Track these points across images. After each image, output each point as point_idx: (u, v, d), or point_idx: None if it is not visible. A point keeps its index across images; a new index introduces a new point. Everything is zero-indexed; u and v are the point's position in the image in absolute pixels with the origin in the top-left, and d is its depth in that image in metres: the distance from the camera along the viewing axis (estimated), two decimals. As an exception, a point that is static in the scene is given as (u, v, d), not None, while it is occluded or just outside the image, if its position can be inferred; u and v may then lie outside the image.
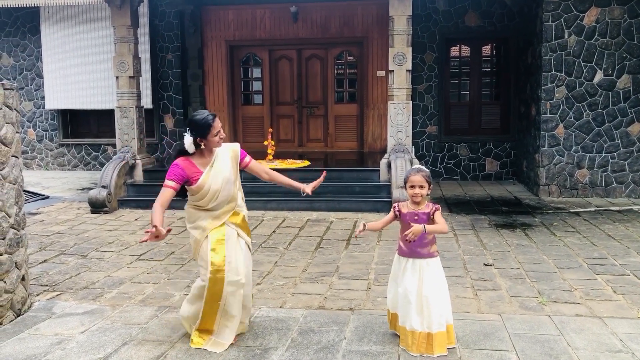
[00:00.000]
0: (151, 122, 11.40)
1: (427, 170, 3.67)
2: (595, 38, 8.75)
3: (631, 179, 8.88)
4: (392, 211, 3.74)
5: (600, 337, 3.83)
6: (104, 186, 8.28)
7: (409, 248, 3.63)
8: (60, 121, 12.14)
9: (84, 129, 12.28)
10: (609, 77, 8.79)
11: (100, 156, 12.15)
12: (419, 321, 3.57)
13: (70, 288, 5.00)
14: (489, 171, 10.82)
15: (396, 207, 3.70)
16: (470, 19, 10.55)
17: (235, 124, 11.60)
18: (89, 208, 8.22)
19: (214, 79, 11.44)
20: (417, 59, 10.53)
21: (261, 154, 9.52)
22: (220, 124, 3.69)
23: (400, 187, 7.54)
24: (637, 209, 8.04)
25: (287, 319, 4.21)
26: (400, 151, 8.21)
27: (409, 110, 8.34)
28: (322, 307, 4.46)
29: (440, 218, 3.60)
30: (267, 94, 11.49)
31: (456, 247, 6.14)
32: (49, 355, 3.66)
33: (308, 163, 9.28)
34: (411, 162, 8.01)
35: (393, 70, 8.25)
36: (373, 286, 4.94)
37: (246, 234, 3.87)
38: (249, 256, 3.90)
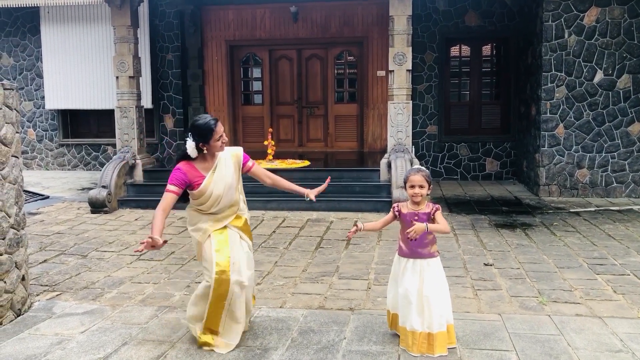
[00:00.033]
0: (151, 122, 11.40)
1: (427, 170, 3.67)
2: (595, 38, 8.75)
3: (631, 179, 8.88)
4: (392, 211, 3.73)
5: (601, 337, 3.83)
6: (104, 186, 8.28)
7: (409, 248, 3.63)
8: (60, 121, 12.14)
9: (84, 129, 12.28)
10: (609, 77, 8.79)
11: (100, 156, 12.15)
12: (420, 321, 3.57)
13: (70, 288, 5.00)
14: (489, 171, 10.82)
15: (396, 208, 3.70)
16: (470, 18, 10.55)
17: (235, 124, 11.60)
18: (89, 208, 8.22)
19: (214, 79, 11.44)
20: (417, 59, 10.53)
21: (261, 154, 9.53)
22: (223, 129, 3.65)
23: (400, 187, 7.54)
24: (637, 208, 8.04)
25: (287, 318, 4.21)
26: (401, 151, 8.21)
27: (409, 110, 8.34)
28: (322, 307, 4.46)
29: (441, 218, 3.60)
30: (267, 94, 11.49)
31: (456, 247, 6.14)
32: (49, 355, 3.66)
33: (308, 163, 9.29)
34: (411, 162, 8.01)
35: (393, 70, 8.25)
36: (373, 286, 4.94)
37: (248, 237, 3.86)
38: (252, 258, 3.88)
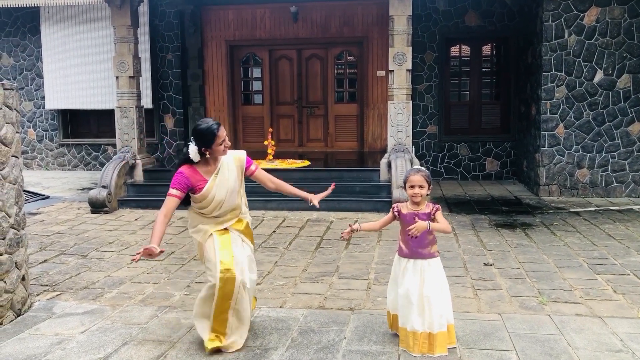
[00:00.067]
0: (151, 122, 11.40)
1: (427, 171, 3.66)
2: (595, 38, 8.75)
3: (631, 179, 8.88)
4: (391, 212, 3.72)
5: (601, 337, 3.83)
6: (104, 186, 8.28)
7: (409, 249, 3.62)
8: (61, 121, 12.14)
9: (84, 129, 12.28)
10: (609, 77, 8.79)
11: (100, 156, 12.15)
12: (420, 321, 3.56)
13: (71, 288, 5.00)
14: (489, 171, 10.82)
15: (395, 208, 3.69)
16: (470, 18, 10.55)
17: (235, 124, 11.60)
18: (89, 208, 8.22)
19: (214, 79, 11.44)
20: (417, 59, 10.53)
21: (261, 154, 9.53)
22: (225, 133, 3.61)
23: (400, 187, 7.54)
24: (638, 208, 8.03)
25: (287, 318, 4.21)
26: (401, 151, 8.21)
27: (409, 110, 8.34)
28: (322, 307, 4.46)
29: (441, 218, 3.60)
30: (267, 93, 11.49)
31: (456, 247, 6.14)
32: (49, 355, 3.66)
33: (308, 163, 9.29)
34: (411, 162, 8.01)
35: (393, 70, 8.25)
36: (373, 286, 4.94)
37: (250, 241, 3.84)
38: (254, 262, 3.85)
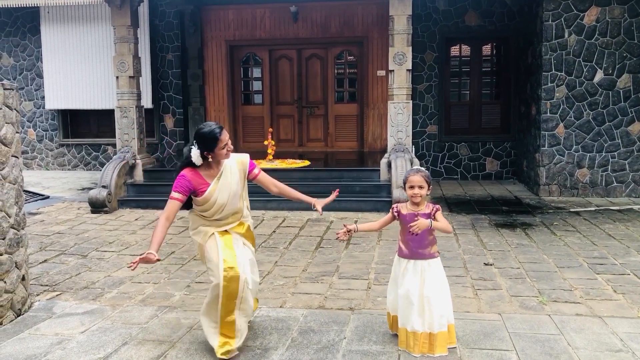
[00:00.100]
0: (151, 122, 11.40)
1: (427, 171, 3.65)
2: (595, 37, 8.74)
3: (631, 179, 8.87)
4: (391, 212, 3.72)
5: (601, 337, 3.83)
6: (104, 186, 8.28)
7: (409, 249, 3.62)
8: (61, 121, 12.14)
9: (84, 129, 12.28)
10: (609, 77, 8.78)
11: (100, 156, 12.15)
12: (420, 322, 3.56)
13: (71, 288, 5.00)
14: (489, 171, 10.82)
15: (395, 209, 3.68)
16: (470, 18, 10.54)
17: (236, 124, 11.60)
18: (89, 208, 8.22)
19: (214, 79, 11.44)
20: (417, 59, 10.53)
21: (261, 154, 9.53)
22: (228, 137, 3.58)
23: (400, 187, 7.54)
24: (638, 208, 8.03)
25: (287, 318, 4.21)
26: (401, 151, 8.21)
27: (409, 110, 8.34)
28: (322, 307, 4.46)
29: (442, 218, 3.59)
30: (267, 93, 11.49)
31: (456, 247, 6.13)
32: (49, 355, 3.66)
33: (308, 163, 9.29)
34: (411, 162, 8.01)
35: (393, 70, 8.25)
36: (373, 286, 4.93)
37: (251, 244, 3.81)
38: (255, 265, 3.82)
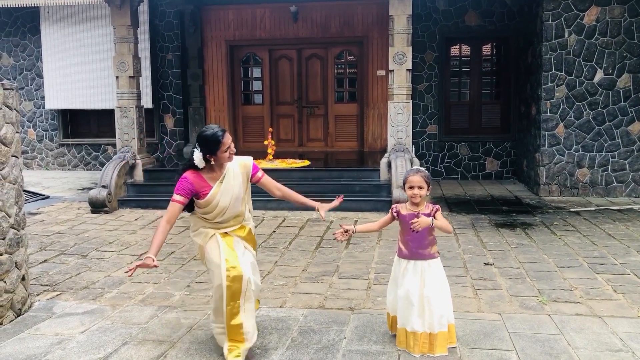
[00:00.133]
0: (151, 122, 11.40)
1: (426, 171, 3.64)
2: (595, 37, 8.74)
3: (631, 178, 8.87)
4: (390, 213, 3.71)
5: (601, 337, 3.83)
6: (104, 186, 8.28)
7: (409, 250, 3.61)
8: (61, 121, 12.15)
9: (84, 128, 12.28)
10: (609, 76, 8.78)
11: (100, 156, 12.15)
12: (420, 322, 3.55)
13: (71, 288, 5.00)
14: (489, 170, 10.82)
15: (394, 209, 3.67)
16: (470, 18, 10.54)
17: (236, 124, 11.60)
18: (89, 208, 8.22)
19: (214, 79, 11.44)
20: (417, 59, 10.52)
21: (261, 154, 9.53)
22: (231, 139, 3.53)
23: (400, 187, 7.54)
24: (638, 208, 8.03)
25: (287, 318, 4.21)
26: (401, 151, 8.21)
27: (409, 110, 8.33)
28: (322, 307, 4.46)
29: (441, 218, 3.59)
30: (267, 93, 11.49)
31: (456, 247, 6.13)
32: (49, 355, 3.66)
33: (308, 163, 9.29)
34: (411, 162, 8.01)
35: (393, 70, 8.25)
36: (373, 286, 4.94)
37: (252, 247, 3.77)
38: (257, 268, 3.78)
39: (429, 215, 3.57)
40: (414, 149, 8.82)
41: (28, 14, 11.85)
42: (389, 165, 8.19)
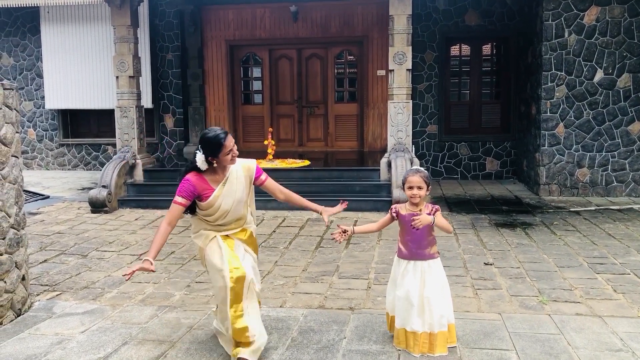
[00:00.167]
0: (151, 122, 11.40)
1: (426, 171, 3.63)
2: (595, 37, 8.74)
3: (631, 178, 8.87)
4: (389, 213, 3.70)
5: (601, 336, 3.83)
6: (104, 186, 8.28)
7: (408, 250, 3.60)
8: (61, 121, 12.15)
9: (84, 128, 12.29)
10: (609, 76, 8.78)
11: (100, 156, 12.15)
12: (420, 322, 3.55)
13: (71, 288, 5.00)
14: (489, 170, 10.82)
15: (393, 209, 3.67)
16: (470, 18, 10.54)
17: (236, 124, 11.60)
18: (89, 208, 8.22)
19: (214, 79, 11.44)
20: (417, 58, 10.52)
21: (261, 154, 9.53)
22: (233, 142, 3.49)
23: (400, 187, 7.54)
24: (638, 207, 8.03)
25: (287, 318, 4.21)
26: (401, 150, 8.21)
27: (409, 110, 8.33)
28: (322, 307, 4.46)
29: (441, 218, 3.59)
30: (267, 93, 11.49)
31: (456, 247, 6.13)
32: (49, 355, 3.66)
33: (308, 162, 9.29)
34: (411, 162, 8.01)
35: (393, 70, 8.24)
36: (373, 285, 4.94)
37: (253, 251, 3.74)
38: (257, 272, 3.76)
39: (428, 215, 3.56)
40: (414, 148, 8.82)
41: (28, 14, 11.85)
42: (389, 165, 8.19)
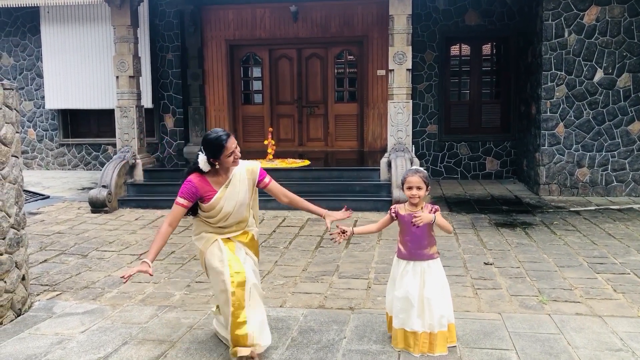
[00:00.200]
0: (151, 122, 11.40)
1: (425, 171, 3.62)
2: (595, 37, 8.74)
3: (631, 178, 8.87)
4: (389, 214, 3.70)
5: (601, 336, 3.83)
6: (104, 186, 8.28)
7: (408, 250, 3.60)
8: (61, 121, 12.15)
9: (84, 128, 12.29)
10: (609, 76, 8.78)
11: (100, 156, 12.15)
12: (420, 323, 3.55)
13: (71, 288, 5.00)
14: (489, 170, 10.82)
15: (392, 210, 3.67)
16: (470, 17, 10.54)
17: (236, 124, 11.60)
18: (89, 208, 8.22)
19: (214, 79, 11.44)
20: (417, 58, 10.52)
21: (261, 154, 9.53)
22: (235, 144, 3.45)
23: (399, 187, 7.53)
24: (638, 207, 8.03)
25: (288, 318, 4.22)
26: (401, 150, 8.21)
27: (409, 110, 8.33)
28: (322, 307, 4.46)
29: (441, 218, 3.58)
30: (267, 93, 11.49)
31: (456, 246, 6.13)
32: (49, 355, 3.66)
33: (308, 162, 9.29)
34: (411, 162, 8.01)
35: (393, 70, 8.24)
36: (373, 285, 4.94)
37: (254, 254, 3.72)
38: (258, 276, 3.73)
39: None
40: (414, 148, 8.82)
41: (28, 14, 11.85)
42: (389, 164, 8.19)
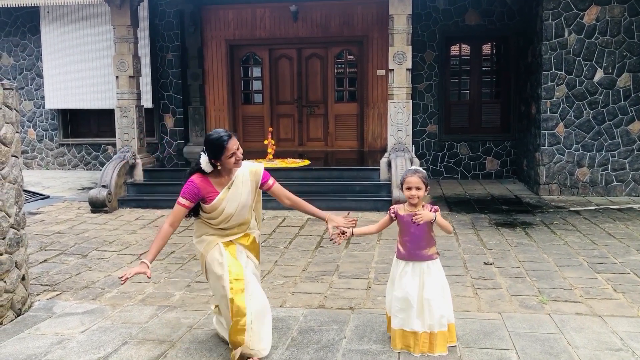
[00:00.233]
0: (151, 122, 11.40)
1: (424, 172, 3.61)
2: (595, 36, 8.74)
3: (631, 178, 8.87)
4: (388, 214, 3.69)
5: (601, 336, 3.82)
6: (104, 186, 8.28)
7: (407, 251, 3.59)
8: (61, 121, 12.15)
9: (84, 128, 12.29)
10: (609, 76, 8.78)
11: (100, 156, 12.15)
12: (420, 323, 3.54)
13: (71, 288, 5.00)
14: (489, 170, 10.82)
15: (392, 210, 3.66)
16: (470, 17, 10.54)
17: (236, 123, 11.60)
18: (89, 208, 8.22)
19: (214, 78, 11.44)
20: (417, 58, 10.52)
21: (261, 154, 9.53)
22: (237, 145, 3.40)
23: (399, 187, 7.53)
24: (638, 207, 8.03)
25: (287, 318, 4.21)
26: (401, 150, 8.21)
27: (409, 109, 8.33)
28: (322, 306, 4.46)
29: (441, 218, 3.58)
30: (267, 93, 11.49)
31: (456, 246, 6.13)
32: (49, 355, 3.66)
33: (308, 162, 9.29)
34: (411, 161, 8.01)
35: (393, 69, 8.24)
36: (373, 285, 4.94)
37: (254, 257, 3.69)
38: (259, 279, 3.71)
39: (429, 214, 3.56)
40: (414, 148, 8.82)
41: (28, 14, 11.85)
42: (389, 164, 8.19)
